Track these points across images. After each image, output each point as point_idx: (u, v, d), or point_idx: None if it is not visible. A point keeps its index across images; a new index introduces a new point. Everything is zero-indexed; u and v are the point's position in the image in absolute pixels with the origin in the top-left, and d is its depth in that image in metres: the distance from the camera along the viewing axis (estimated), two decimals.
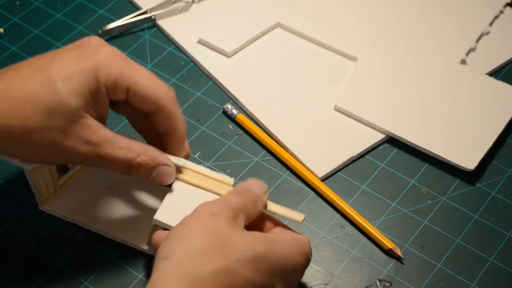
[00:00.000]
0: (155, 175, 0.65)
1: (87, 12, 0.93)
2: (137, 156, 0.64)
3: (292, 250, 0.59)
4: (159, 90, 0.65)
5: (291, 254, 0.59)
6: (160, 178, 0.66)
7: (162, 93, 0.65)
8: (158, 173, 0.65)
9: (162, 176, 0.66)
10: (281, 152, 0.79)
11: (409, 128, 0.80)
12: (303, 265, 0.61)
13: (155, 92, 0.64)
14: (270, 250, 0.57)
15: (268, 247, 0.57)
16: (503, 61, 0.87)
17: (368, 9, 0.92)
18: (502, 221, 0.75)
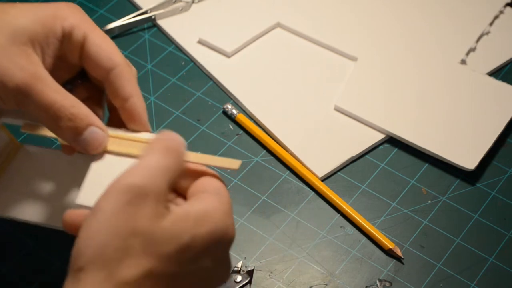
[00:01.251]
0: (85, 138, 0.56)
1: (87, 12, 0.92)
2: (72, 107, 0.56)
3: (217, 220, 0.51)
4: (115, 49, 0.60)
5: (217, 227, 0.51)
6: (89, 143, 0.57)
7: (117, 52, 0.60)
8: (89, 136, 0.56)
9: (92, 141, 0.57)
10: (281, 152, 0.79)
11: (409, 128, 0.80)
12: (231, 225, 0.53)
13: (110, 49, 0.59)
14: (195, 235, 0.49)
15: (193, 232, 0.49)
16: (503, 61, 0.87)
17: (368, 9, 0.92)
18: (502, 221, 0.75)
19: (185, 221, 0.49)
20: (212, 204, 0.51)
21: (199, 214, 0.50)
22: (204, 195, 0.52)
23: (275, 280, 0.71)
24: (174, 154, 0.52)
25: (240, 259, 0.72)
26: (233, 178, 0.78)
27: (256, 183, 0.77)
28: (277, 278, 0.71)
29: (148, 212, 0.48)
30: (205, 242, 0.50)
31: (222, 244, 0.52)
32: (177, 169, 0.51)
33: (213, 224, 0.50)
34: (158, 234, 0.48)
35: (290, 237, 0.74)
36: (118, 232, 0.48)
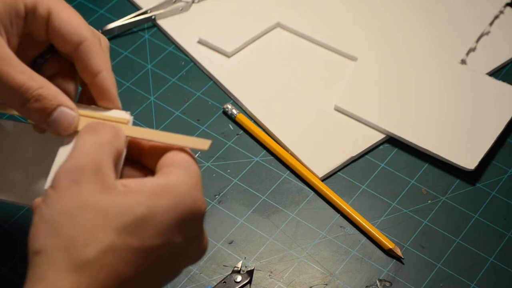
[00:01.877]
0: (54, 119, 0.55)
1: (87, 12, 0.93)
2: (39, 88, 0.54)
3: (182, 193, 0.49)
4: (82, 23, 0.57)
5: (181, 200, 0.49)
6: (58, 124, 0.55)
7: (84, 26, 0.57)
8: (58, 117, 0.55)
9: (61, 122, 0.55)
10: (281, 152, 0.79)
11: (409, 128, 0.80)
12: (199, 199, 0.51)
13: (77, 23, 0.57)
14: (152, 207, 0.48)
15: (149, 204, 0.48)
16: (503, 61, 0.87)
17: (368, 9, 0.92)
18: (502, 221, 0.75)
19: (139, 193, 0.48)
20: (176, 177, 0.50)
21: (158, 187, 0.49)
22: (170, 168, 0.51)
23: (275, 280, 0.71)
24: (104, 129, 0.51)
25: (240, 259, 0.72)
26: (233, 178, 0.78)
27: (256, 183, 0.77)
28: (277, 278, 0.71)
29: (92, 186, 0.48)
30: (167, 215, 0.48)
31: (192, 218, 0.50)
32: (112, 141, 0.50)
33: (176, 197, 0.49)
34: (109, 207, 0.47)
35: (290, 237, 0.74)
36: (67, 210, 0.47)
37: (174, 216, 0.48)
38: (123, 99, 0.84)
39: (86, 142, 0.50)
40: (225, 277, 0.70)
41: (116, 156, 0.51)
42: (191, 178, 0.50)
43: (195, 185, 0.50)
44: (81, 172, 0.48)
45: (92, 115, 0.56)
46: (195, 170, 0.51)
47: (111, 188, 0.48)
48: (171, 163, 0.51)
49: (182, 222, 0.49)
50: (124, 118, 0.56)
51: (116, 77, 0.86)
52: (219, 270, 0.71)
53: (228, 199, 0.76)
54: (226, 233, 0.74)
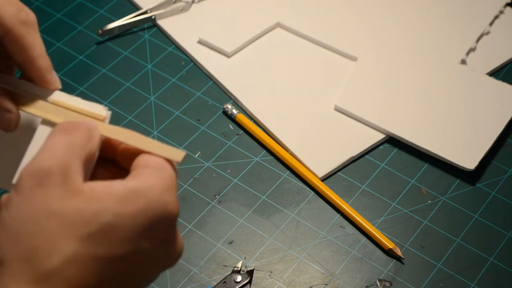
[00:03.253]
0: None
1: (87, 12, 0.93)
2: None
3: (152, 197, 0.46)
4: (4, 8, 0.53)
5: (151, 205, 0.46)
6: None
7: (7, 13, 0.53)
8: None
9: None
10: (281, 152, 0.79)
11: (409, 128, 0.80)
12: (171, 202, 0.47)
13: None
14: (120, 213, 0.45)
15: (116, 209, 0.45)
16: (503, 61, 0.87)
17: (368, 9, 0.92)
18: (502, 221, 0.75)
19: (106, 198, 0.45)
20: (148, 180, 0.47)
21: (127, 191, 0.46)
22: (143, 170, 0.48)
23: (275, 280, 0.71)
24: (77, 130, 0.48)
25: (240, 259, 0.72)
26: (233, 178, 0.78)
27: (256, 183, 0.77)
28: (277, 278, 0.71)
29: (57, 191, 0.44)
30: (137, 221, 0.45)
31: (163, 223, 0.47)
32: (85, 144, 0.47)
33: (146, 201, 0.46)
34: (74, 214, 0.44)
35: (290, 237, 0.74)
36: (30, 218, 0.44)
37: (143, 222, 0.46)
38: (123, 99, 0.85)
39: (56, 142, 0.47)
40: (225, 277, 0.70)
41: (87, 158, 0.48)
42: (163, 181, 0.47)
43: (168, 188, 0.47)
44: (46, 174, 0.45)
45: (68, 106, 0.53)
46: (169, 172, 0.48)
47: (78, 192, 0.45)
48: (144, 164, 0.48)
49: (152, 227, 0.46)
50: (101, 114, 0.53)
51: (116, 77, 0.87)
52: (219, 270, 0.71)
53: (228, 199, 0.76)
54: (226, 233, 0.74)
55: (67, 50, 0.89)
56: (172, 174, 0.48)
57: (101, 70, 0.87)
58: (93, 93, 0.85)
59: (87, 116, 0.52)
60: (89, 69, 0.87)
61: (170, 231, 0.48)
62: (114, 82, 0.86)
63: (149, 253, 0.47)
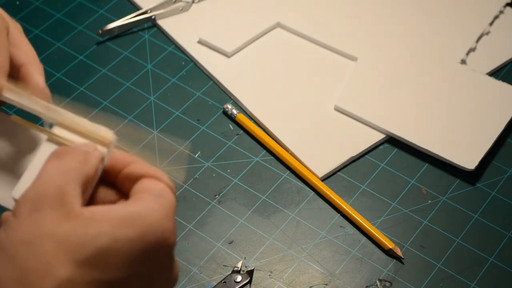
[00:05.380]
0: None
1: (87, 12, 0.93)
2: None
3: (150, 223, 0.46)
4: None
5: (148, 231, 0.46)
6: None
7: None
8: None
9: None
10: (281, 152, 0.79)
11: (409, 128, 0.80)
12: (169, 230, 0.47)
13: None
14: (116, 237, 0.44)
15: (113, 234, 0.45)
16: (503, 61, 0.87)
17: (368, 9, 0.92)
18: (502, 221, 0.75)
19: (103, 222, 0.45)
20: (148, 206, 0.47)
21: (125, 215, 0.46)
22: (142, 195, 0.48)
23: (275, 280, 0.71)
24: (70, 155, 0.48)
25: (240, 259, 0.72)
26: (233, 178, 0.78)
27: (256, 183, 0.77)
28: (277, 278, 0.71)
29: (54, 214, 0.45)
30: (134, 246, 0.45)
31: (159, 250, 0.47)
32: (79, 167, 0.47)
33: (144, 227, 0.46)
34: (70, 237, 0.44)
35: (290, 237, 0.74)
36: (25, 240, 0.44)
37: (140, 247, 0.45)
38: (124, 99, 0.85)
39: (50, 168, 0.47)
40: (225, 277, 0.70)
41: (85, 181, 0.47)
42: (162, 208, 0.47)
43: (166, 216, 0.47)
44: (42, 199, 0.45)
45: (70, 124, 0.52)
46: (169, 199, 0.48)
47: (75, 215, 0.45)
48: (145, 190, 0.48)
49: (149, 254, 0.46)
50: (105, 137, 0.51)
51: (116, 77, 0.87)
52: (219, 270, 0.71)
53: (228, 199, 0.76)
54: (226, 233, 0.74)
55: (67, 50, 0.89)
56: (172, 202, 0.48)
57: (101, 70, 0.87)
58: (93, 93, 0.85)
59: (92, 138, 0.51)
60: (89, 69, 0.87)
61: (166, 258, 0.48)
62: (114, 82, 0.86)
63: (144, 279, 0.47)
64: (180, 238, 0.73)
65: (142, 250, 0.45)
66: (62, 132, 0.52)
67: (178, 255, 0.72)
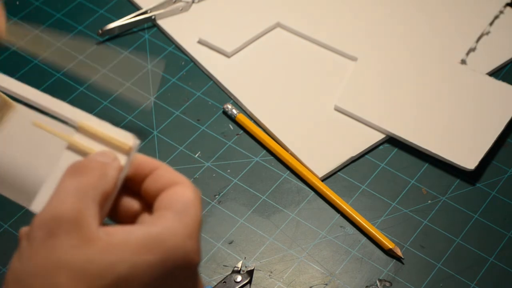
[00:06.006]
0: None
1: (87, 12, 0.93)
2: None
3: (172, 246, 0.44)
4: None
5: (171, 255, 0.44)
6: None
7: None
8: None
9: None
10: (281, 152, 0.79)
11: (409, 128, 0.80)
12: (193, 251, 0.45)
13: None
14: (137, 264, 0.43)
15: (133, 260, 0.42)
16: (503, 61, 0.87)
17: (368, 9, 0.92)
18: (502, 221, 0.75)
19: (123, 247, 0.43)
20: (170, 226, 0.44)
21: (146, 239, 0.43)
22: (165, 213, 0.45)
23: (275, 280, 0.71)
24: (88, 170, 0.45)
25: (240, 259, 0.72)
26: (233, 178, 0.78)
27: (256, 183, 0.77)
28: (277, 278, 0.71)
29: (70, 241, 0.42)
30: (155, 271, 0.43)
31: (183, 272, 0.45)
32: (97, 185, 0.45)
33: (165, 251, 0.43)
34: (86, 266, 0.42)
35: (290, 237, 0.74)
36: (40, 271, 0.42)
37: (162, 272, 0.43)
38: (124, 99, 0.85)
39: (67, 186, 0.44)
40: (225, 277, 0.70)
41: (103, 198, 0.45)
42: (186, 227, 0.45)
43: (190, 235, 0.44)
44: (58, 223, 0.43)
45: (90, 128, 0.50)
46: (193, 215, 0.45)
47: (92, 240, 0.42)
48: (167, 206, 0.46)
49: (172, 277, 0.44)
50: (125, 143, 0.48)
51: (116, 77, 0.87)
52: (219, 270, 0.71)
53: (228, 199, 0.76)
54: (226, 233, 0.74)
55: (67, 50, 0.89)
56: (195, 217, 0.45)
57: (101, 70, 0.87)
58: (93, 93, 0.85)
59: (112, 144, 0.48)
60: (89, 69, 0.87)
61: (191, 279, 0.46)
62: (114, 82, 0.86)
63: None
64: None
65: (164, 275, 0.43)
66: (81, 138, 0.49)
67: None
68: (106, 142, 0.48)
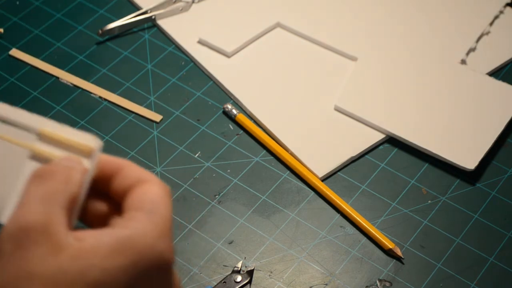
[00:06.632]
0: None
1: (87, 12, 0.93)
2: None
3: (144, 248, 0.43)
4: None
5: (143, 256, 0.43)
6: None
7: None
8: None
9: None
10: (281, 152, 0.79)
11: (409, 128, 0.80)
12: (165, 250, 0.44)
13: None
14: (108, 269, 0.42)
15: (104, 265, 0.42)
16: (503, 61, 0.87)
17: (368, 9, 0.92)
18: (502, 221, 0.75)
19: (93, 253, 0.42)
20: (140, 227, 0.43)
21: (117, 242, 0.42)
22: (134, 214, 0.44)
23: (275, 280, 0.71)
24: (52, 175, 0.44)
25: (240, 259, 0.72)
26: (233, 178, 0.78)
27: (256, 183, 0.77)
28: (277, 278, 0.71)
29: (39, 250, 0.41)
30: (127, 274, 0.42)
31: (157, 272, 0.44)
32: (63, 189, 0.44)
33: (137, 253, 0.43)
34: (57, 274, 0.41)
35: (290, 237, 0.74)
36: (12, 282, 0.41)
37: (134, 274, 0.42)
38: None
39: (32, 194, 0.43)
40: (225, 277, 0.70)
41: (70, 202, 0.44)
42: (156, 226, 0.44)
43: (161, 234, 0.44)
44: (26, 234, 0.41)
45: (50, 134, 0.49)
46: (163, 213, 0.44)
47: (61, 248, 0.41)
48: (136, 206, 0.45)
49: (145, 278, 0.43)
50: (88, 145, 0.47)
51: (116, 77, 0.87)
52: (219, 270, 0.71)
53: (228, 199, 0.76)
54: (226, 233, 0.74)
55: (67, 50, 0.89)
56: (166, 215, 0.45)
57: (101, 70, 0.87)
58: (93, 94, 0.85)
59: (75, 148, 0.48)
60: (89, 69, 0.87)
61: (165, 278, 0.45)
62: (114, 82, 0.86)
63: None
64: (180, 238, 0.73)
65: (138, 277, 0.43)
66: (43, 145, 0.48)
67: (178, 255, 0.72)
68: (68, 147, 0.48)
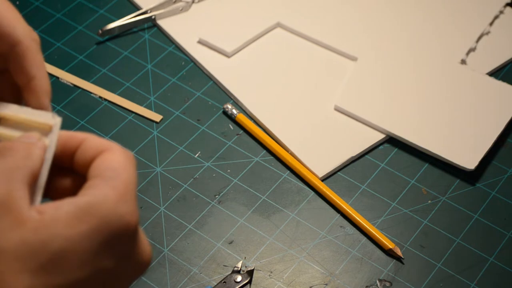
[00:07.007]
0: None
1: (87, 12, 0.93)
2: None
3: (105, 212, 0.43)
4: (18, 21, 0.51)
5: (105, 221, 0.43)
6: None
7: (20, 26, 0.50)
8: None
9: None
10: (281, 152, 0.79)
11: (409, 128, 0.80)
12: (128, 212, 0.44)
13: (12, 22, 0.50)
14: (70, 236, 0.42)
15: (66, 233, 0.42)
16: (503, 61, 0.87)
17: (368, 9, 0.92)
18: (502, 221, 0.75)
19: (55, 222, 0.42)
20: (99, 193, 0.43)
21: (77, 210, 0.42)
22: (94, 181, 0.44)
23: (275, 280, 0.71)
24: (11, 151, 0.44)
25: (240, 259, 0.72)
26: (233, 178, 0.78)
27: (256, 183, 0.77)
28: (277, 278, 0.71)
29: (1, 225, 0.41)
30: (91, 241, 0.42)
31: (122, 237, 0.44)
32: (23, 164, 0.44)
33: (98, 218, 0.43)
34: (20, 247, 0.41)
35: (290, 237, 0.74)
36: None
37: (98, 240, 0.42)
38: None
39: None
40: (225, 277, 0.70)
41: (32, 177, 0.44)
42: (116, 191, 0.44)
43: (121, 198, 0.43)
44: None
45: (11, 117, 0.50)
46: (123, 178, 0.44)
47: (23, 221, 0.42)
48: (96, 174, 0.45)
49: (110, 244, 0.43)
50: (47, 123, 0.48)
51: (116, 77, 0.87)
52: (219, 270, 0.71)
53: (228, 199, 0.76)
54: (226, 233, 0.74)
55: (67, 50, 0.89)
56: (127, 179, 0.45)
57: (101, 70, 0.87)
58: (93, 94, 0.85)
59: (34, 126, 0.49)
60: (89, 69, 0.87)
61: (131, 243, 0.45)
62: (114, 82, 0.86)
63: (112, 270, 0.44)
64: (180, 238, 0.73)
65: (102, 243, 0.43)
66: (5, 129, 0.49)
67: (178, 255, 0.72)
68: (29, 127, 0.48)
